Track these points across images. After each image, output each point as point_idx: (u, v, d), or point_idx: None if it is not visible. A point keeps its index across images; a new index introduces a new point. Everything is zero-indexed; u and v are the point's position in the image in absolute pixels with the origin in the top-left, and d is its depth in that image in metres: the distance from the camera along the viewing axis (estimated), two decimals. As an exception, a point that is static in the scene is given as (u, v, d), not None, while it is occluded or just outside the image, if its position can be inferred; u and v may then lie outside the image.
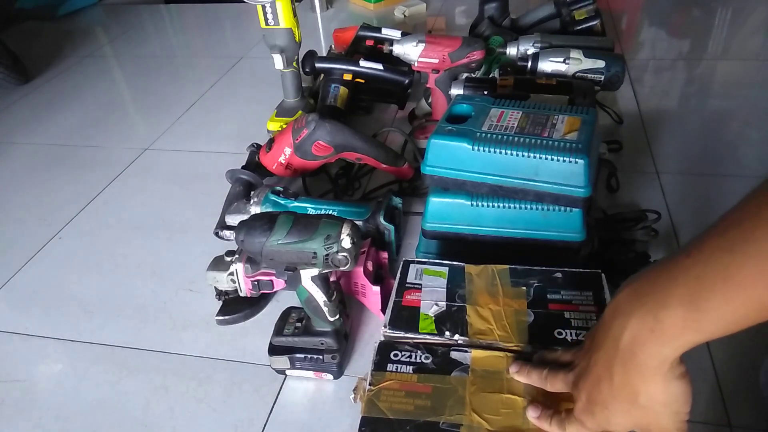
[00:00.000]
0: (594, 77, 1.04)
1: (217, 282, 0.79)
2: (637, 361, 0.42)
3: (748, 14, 1.76)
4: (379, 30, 1.30)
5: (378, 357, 0.60)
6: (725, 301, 0.37)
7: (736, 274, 0.36)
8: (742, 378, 0.69)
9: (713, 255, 0.37)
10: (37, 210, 1.13)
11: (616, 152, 1.11)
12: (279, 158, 1.00)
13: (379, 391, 0.57)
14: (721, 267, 0.37)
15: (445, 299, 0.67)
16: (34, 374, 0.80)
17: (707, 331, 0.38)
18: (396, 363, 0.59)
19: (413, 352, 0.60)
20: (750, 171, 1.05)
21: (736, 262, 0.36)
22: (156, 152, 1.29)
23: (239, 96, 1.51)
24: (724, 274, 0.36)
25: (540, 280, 0.68)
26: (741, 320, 0.37)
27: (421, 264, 0.72)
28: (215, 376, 0.76)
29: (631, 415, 0.44)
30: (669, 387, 0.42)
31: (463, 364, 0.59)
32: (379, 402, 0.56)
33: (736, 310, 0.37)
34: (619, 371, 0.43)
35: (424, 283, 0.69)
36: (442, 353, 0.60)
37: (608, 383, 0.44)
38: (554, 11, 1.31)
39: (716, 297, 0.37)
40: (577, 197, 0.73)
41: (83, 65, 1.80)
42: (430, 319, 0.64)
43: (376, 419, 0.54)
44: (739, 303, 0.36)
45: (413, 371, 0.58)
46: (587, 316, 0.62)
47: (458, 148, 0.75)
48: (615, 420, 0.45)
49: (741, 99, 1.31)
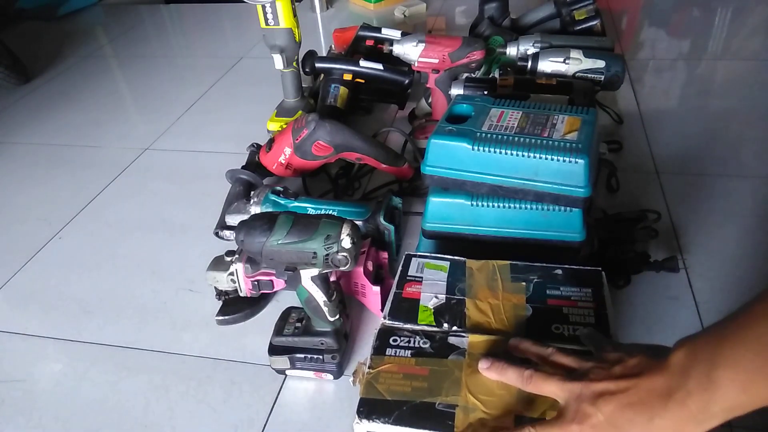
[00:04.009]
0: (594, 77, 1.04)
1: (217, 282, 0.79)
2: (689, 419, 0.42)
3: (748, 14, 1.76)
4: (379, 30, 1.31)
5: (377, 342, 0.61)
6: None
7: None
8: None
9: (758, 320, 0.40)
10: (37, 210, 1.13)
11: (616, 152, 1.11)
12: (279, 158, 1.00)
13: (377, 373, 0.58)
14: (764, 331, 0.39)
15: (444, 292, 0.67)
16: (34, 374, 0.80)
17: (754, 394, 0.40)
18: (395, 348, 0.60)
19: (412, 338, 0.61)
20: (750, 171, 1.05)
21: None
22: (156, 152, 1.29)
23: (239, 96, 1.51)
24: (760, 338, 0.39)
25: (540, 276, 0.68)
26: None
27: (423, 258, 0.73)
28: (215, 376, 0.76)
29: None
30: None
31: (460, 348, 0.59)
32: (378, 384, 0.56)
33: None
34: (661, 417, 0.43)
35: (425, 276, 0.70)
36: (440, 338, 0.61)
37: (645, 420, 0.44)
38: (554, 11, 1.31)
39: (759, 359, 0.39)
40: (577, 197, 0.73)
41: (83, 65, 1.80)
42: (429, 311, 0.65)
43: (374, 400, 0.55)
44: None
45: (411, 355, 0.59)
46: (585, 312, 0.63)
47: (458, 148, 0.75)
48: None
49: (741, 99, 1.31)
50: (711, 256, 0.86)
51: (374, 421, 0.53)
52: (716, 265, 0.85)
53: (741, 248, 0.88)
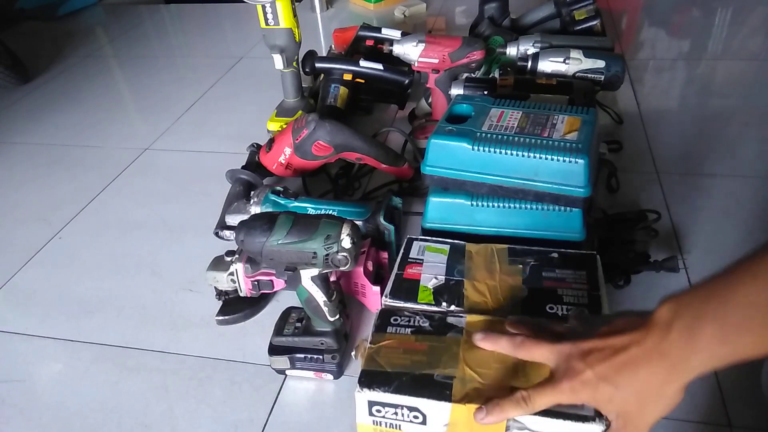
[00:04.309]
0: (594, 77, 1.04)
1: (217, 282, 0.79)
2: (671, 368, 0.44)
3: (747, 14, 1.76)
4: (379, 30, 1.30)
5: (379, 321, 0.63)
6: (749, 322, 0.40)
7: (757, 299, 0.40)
8: (742, 378, 0.69)
9: (745, 279, 0.42)
10: (37, 210, 1.13)
11: (616, 152, 1.11)
12: (279, 158, 1.00)
13: (379, 348, 0.59)
14: (747, 289, 0.41)
15: (444, 274, 0.69)
16: (34, 374, 0.80)
17: (733, 345, 0.41)
18: (396, 326, 0.62)
19: (412, 318, 0.63)
20: (750, 171, 1.05)
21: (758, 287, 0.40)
22: (156, 152, 1.29)
23: (239, 96, 1.51)
24: (747, 297, 0.40)
25: (537, 260, 0.70)
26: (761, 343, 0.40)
27: (424, 241, 0.75)
28: (215, 376, 0.76)
29: (630, 404, 0.46)
30: (678, 393, 0.44)
31: (458, 327, 0.61)
32: (379, 357, 0.58)
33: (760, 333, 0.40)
34: (646, 367, 0.45)
35: (425, 258, 0.71)
36: (439, 318, 0.62)
37: (631, 372, 0.45)
38: (554, 11, 1.31)
39: (741, 315, 0.40)
40: (577, 197, 0.73)
41: (83, 65, 1.80)
42: (429, 290, 0.67)
43: (375, 371, 0.56)
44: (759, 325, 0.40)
45: (411, 332, 0.61)
46: (579, 294, 0.65)
47: (458, 148, 0.75)
48: (616, 402, 0.46)
49: (741, 99, 1.31)
50: (711, 256, 0.86)
51: (375, 390, 0.55)
52: (716, 265, 0.84)
53: (741, 248, 0.87)
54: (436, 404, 0.53)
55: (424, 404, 0.54)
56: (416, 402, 0.54)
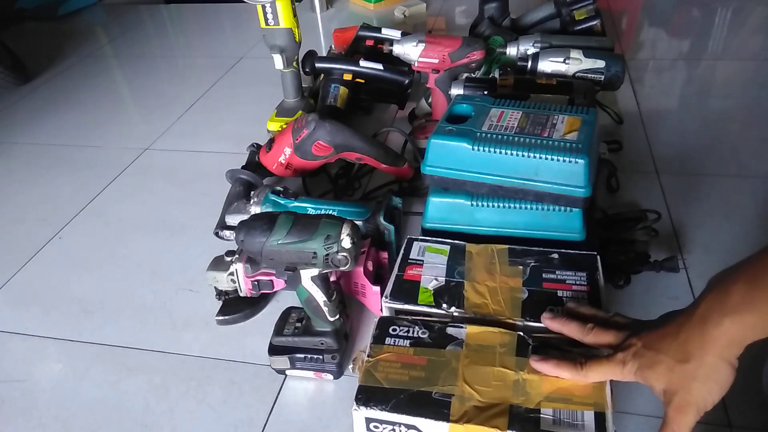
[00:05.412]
0: (594, 77, 1.04)
1: (217, 282, 0.79)
2: (705, 329, 0.47)
3: (747, 14, 1.76)
4: (379, 30, 1.30)
5: (377, 331, 0.63)
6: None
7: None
8: (742, 378, 0.69)
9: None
10: (37, 210, 1.13)
11: (616, 152, 1.11)
12: (279, 158, 1.00)
13: (376, 362, 0.59)
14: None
15: (444, 275, 0.69)
16: (34, 374, 0.80)
17: (761, 310, 0.45)
18: (394, 337, 0.62)
19: (411, 328, 0.62)
20: (750, 171, 1.05)
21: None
22: (156, 152, 1.29)
23: (239, 96, 1.51)
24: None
25: (537, 260, 0.70)
26: None
27: (424, 242, 0.75)
28: (215, 376, 0.76)
29: (673, 372, 0.49)
30: (718, 365, 0.47)
31: (458, 339, 0.61)
32: (376, 372, 0.58)
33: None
34: (686, 331, 0.49)
35: (425, 259, 0.72)
36: (439, 329, 0.62)
37: (672, 338, 0.49)
38: (554, 11, 1.31)
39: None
40: (577, 197, 0.73)
41: (83, 65, 1.80)
42: (429, 292, 0.67)
43: (373, 388, 0.56)
44: None
45: (410, 345, 0.61)
46: (580, 295, 0.65)
47: (458, 148, 0.75)
48: (659, 371, 0.49)
49: (741, 99, 1.31)
50: (711, 256, 0.86)
51: (372, 408, 0.55)
52: (716, 265, 0.84)
53: (741, 248, 0.87)
54: (434, 424, 0.53)
55: (422, 423, 0.53)
56: (414, 421, 0.54)
